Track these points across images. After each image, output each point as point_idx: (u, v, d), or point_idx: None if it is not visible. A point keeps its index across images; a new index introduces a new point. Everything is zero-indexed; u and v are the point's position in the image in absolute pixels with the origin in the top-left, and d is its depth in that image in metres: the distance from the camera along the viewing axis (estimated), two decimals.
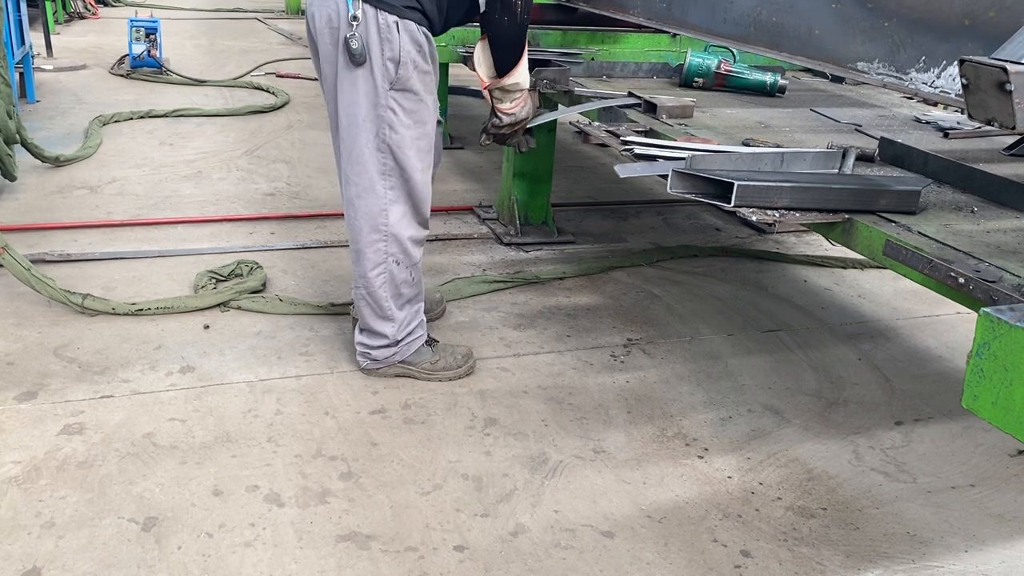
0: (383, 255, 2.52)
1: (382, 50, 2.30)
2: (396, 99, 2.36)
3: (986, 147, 2.69)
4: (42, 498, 2.06)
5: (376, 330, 2.61)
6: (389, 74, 2.33)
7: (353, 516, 2.08)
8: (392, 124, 2.38)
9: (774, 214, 1.92)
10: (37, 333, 2.81)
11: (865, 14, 2.08)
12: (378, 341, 2.63)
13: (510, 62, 2.50)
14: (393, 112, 2.37)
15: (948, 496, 2.33)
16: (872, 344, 3.16)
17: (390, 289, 2.56)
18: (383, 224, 2.48)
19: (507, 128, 2.70)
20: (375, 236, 2.50)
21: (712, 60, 3.30)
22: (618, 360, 2.91)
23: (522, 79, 2.57)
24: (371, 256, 2.52)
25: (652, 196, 4.66)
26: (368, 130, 2.38)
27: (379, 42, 2.29)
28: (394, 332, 2.61)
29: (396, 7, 2.29)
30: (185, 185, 4.34)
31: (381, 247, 2.51)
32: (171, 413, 2.43)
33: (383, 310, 2.58)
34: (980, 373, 1.21)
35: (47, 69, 6.86)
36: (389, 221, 2.49)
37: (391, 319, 2.60)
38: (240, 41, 9.25)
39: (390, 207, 2.47)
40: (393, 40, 2.29)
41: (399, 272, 2.55)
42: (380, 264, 2.53)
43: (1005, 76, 1.23)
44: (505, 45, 2.47)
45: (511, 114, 2.65)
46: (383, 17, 2.28)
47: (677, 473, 2.34)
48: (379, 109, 2.36)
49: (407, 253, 2.54)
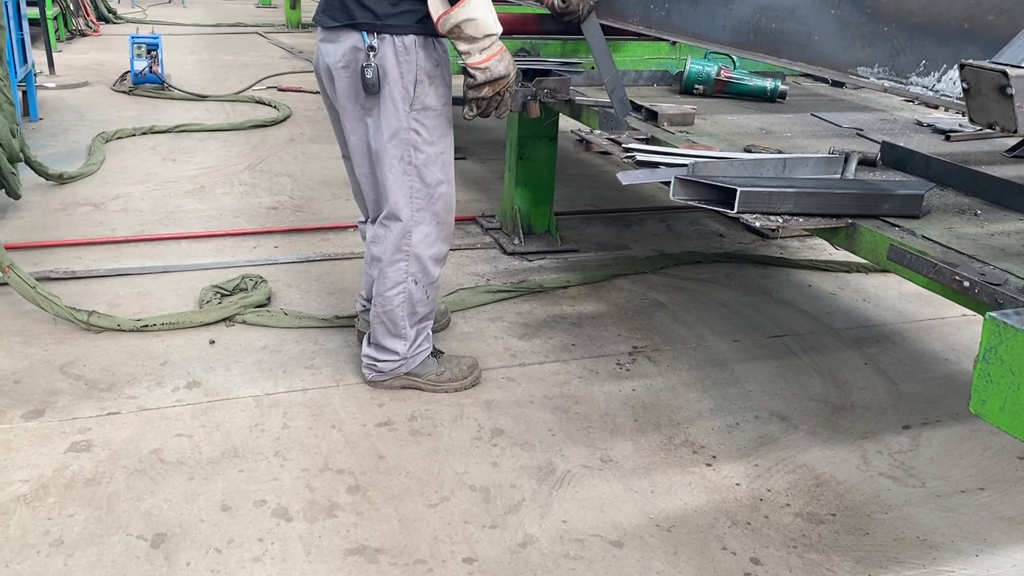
0: (404, 275, 2.53)
1: (401, 74, 2.31)
2: (418, 119, 2.38)
3: (988, 149, 2.69)
4: (50, 516, 2.06)
5: (388, 347, 2.62)
6: (409, 96, 2.34)
7: (361, 529, 2.08)
8: (416, 145, 2.40)
9: (777, 220, 1.92)
10: (43, 351, 2.81)
11: (864, 19, 2.08)
12: (387, 356, 2.63)
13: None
14: (417, 133, 2.39)
15: (957, 500, 2.32)
16: (878, 348, 3.15)
17: (407, 308, 2.57)
18: (406, 244, 2.50)
19: (486, 89, 2.32)
20: (398, 256, 2.51)
21: (712, 67, 3.31)
22: (624, 368, 2.91)
23: (482, 15, 2.19)
24: (392, 275, 2.53)
25: (655, 203, 4.66)
26: (392, 155, 2.40)
27: (397, 66, 2.30)
28: (406, 349, 2.62)
29: (410, 26, 2.29)
30: (188, 200, 4.36)
31: (403, 267, 2.52)
32: (178, 429, 2.43)
33: (398, 328, 2.59)
34: (987, 377, 1.20)
35: (50, 87, 6.90)
36: (412, 242, 2.50)
37: (404, 337, 2.61)
38: (241, 56, 9.29)
39: (414, 228, 2.49)
40: (411, 61, 2.31)
41: (417, 291, 2.56)
42: (400, 283, 2.54)
43: (1006, 80, 1.23)
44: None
45: (484, 68, 2.28)
46: (400, 40, 2.29)
47: (685, 481, 2.33)
48: (403, 133, 2.38)
49: (427, 272, 2.56)
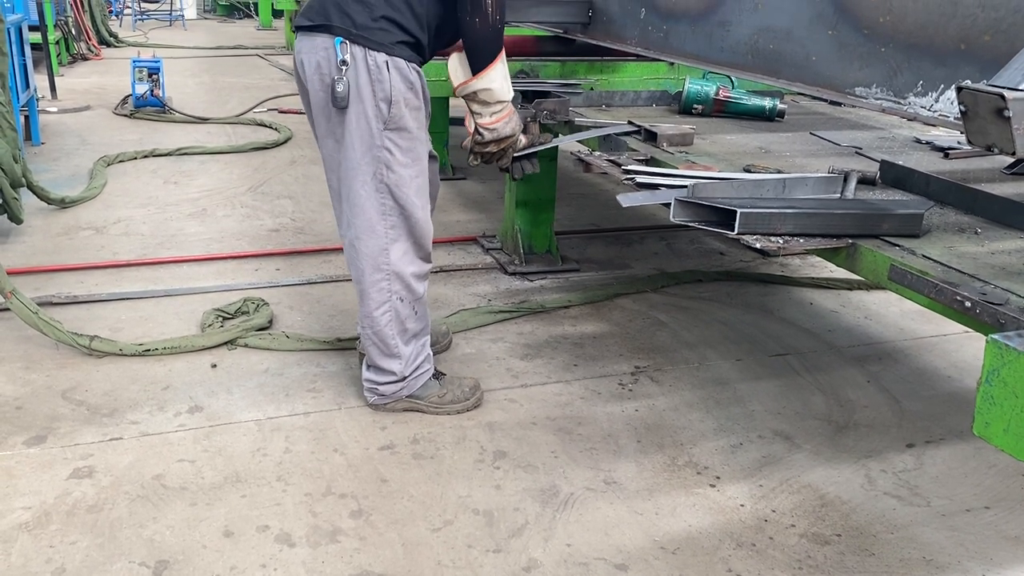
0: (387, 293, 2.52)
1: (373, 91, 2.30)
2: (392, 139, 2.37)
3: (987, 166, 2.70)
4: (52, 544, 2.05)
5: (383, 367, 2.61)
6: (382, 114, 2.33)
7: (364, 555, 2.07)
8: (389, 164, 2.39)
9: (778, 240, 1.92)
10: (45, 376, 2.81)
11: (861, 40, 2.09)
12: (386, 378, 2.63)
13: (482, 62, 2.39)
14: (389, 152, 2.38)
15: (963, 519, 2.31)
16: (880, 366, 3.14)
17: (396, 326, 2.56)
18: (384, 263, 2.49)
19: (492, 146, 2.56)
20: (378, 275, 2.50)
21: (710, 87, 3.32)
22: (626, 388, 2.91)
23: (497, 86, 2.43)
24: (375, 296, 2.52)
25: (655, 222, 4.67)
26: (365, 172, 2.39)
27: (370, 83, 2.29)
28: (401, 368, 2.61)
29: (385, 45, 2.29)
30: (190, 223, 4.37)
31: (384, 286, 2.51)
32: (180, 454, 2.43)
33: (389, 348, 2.58)
34: (990, 400, 1.20)
35: (52, 111, 6.94)
36: (391, 259, 2.49)
37: (398, 356, 2.60)
38: (242, 78, 9.35)
39: (391, 246, 2.48)
40: (384, 80, 2.30)
41: (403, 308, 2.55)
42: (384, 303, 2.53)
43: (1003, 103, 1.24)
44: (477, 45, 2.37)
45: (492, 129, 2.52)
46: (372, 57, 2.28)
47: (689, 502, 2.32)
48: (375, 150, 2.37)
49: (410, 289, 2.55)
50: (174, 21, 15.93)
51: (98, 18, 11.41)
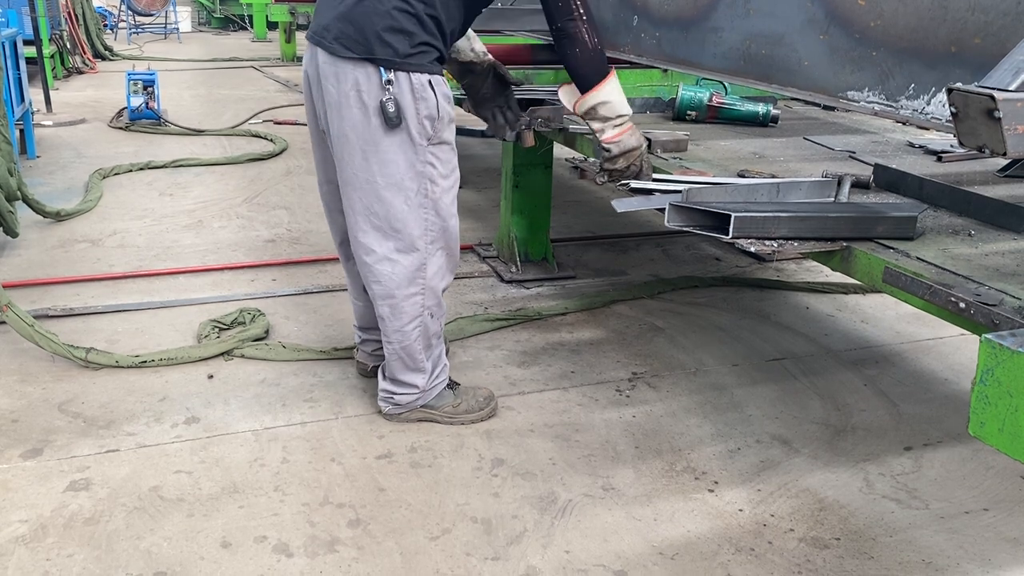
0: (420, 308, 2.52)
1: (417, 110, 2.31)
2: (435, 153, 2.39)
3: (980, 169, 2.71)
4: (49, 557, 2.04)
5: (406, 381, 2.61)
6: (426, 131, 2.34)
7: (363, 564, 2.06)
8: (433, 178, 2.40)
9: (772, 244, 1.93)
10: (41, 389, 2.80)
11: (853, 44, 2.10)
12: (405, 390, 2.62)
13: (591, 81, 2.43)
14: (433, 167, 2.40)
15: (962, 521, 2.31)
16: (877, 369, 3.15)
17: (423, 341, 2.56)
18: (421, 278, 2.49)
19: (620, 160, 2.49)
20: (413, 290, 2.49)
21: (704, 93, 3.34)
22: (623, 395, 2.90)
23: (615, 99, 2.45)
24: (408, 310, 2.50)
25: (651, 228, 4.68)
26: (409, 188, 2.38)
27: (414, 102, 2.30)
28: (425, 382, 2.62)
29: (425, 66, 2.30)
30: (186, 235, 4.37)
31: (419, 300, 2.51)
32: (177, 465, 2.42)
33: (416, 362, 2.58)
34: (985, 400, 1.20)
35: (47, 125, 6.93)
36: (427, 275, 2.49)
37: (423, 370, 2.60)
38: (237, 90, 9.36)
39: (428, 260, 2.48)
40: (429, 98, 2.31)
41: (432, 324, 2.56)
42: (417, 317, 2.52)
43: (993, 104, 1.24)
44: (585, 71, 2.43)
45: (616, 142, 2.47)
46: (416, 78, 2.29)
47: (688, 508, 2.32)
48: (419, 166, 2.37)
49: (440, 304, 2.57)
50: (169, 34, 15.96)
51: (93, 31, 11.41)
